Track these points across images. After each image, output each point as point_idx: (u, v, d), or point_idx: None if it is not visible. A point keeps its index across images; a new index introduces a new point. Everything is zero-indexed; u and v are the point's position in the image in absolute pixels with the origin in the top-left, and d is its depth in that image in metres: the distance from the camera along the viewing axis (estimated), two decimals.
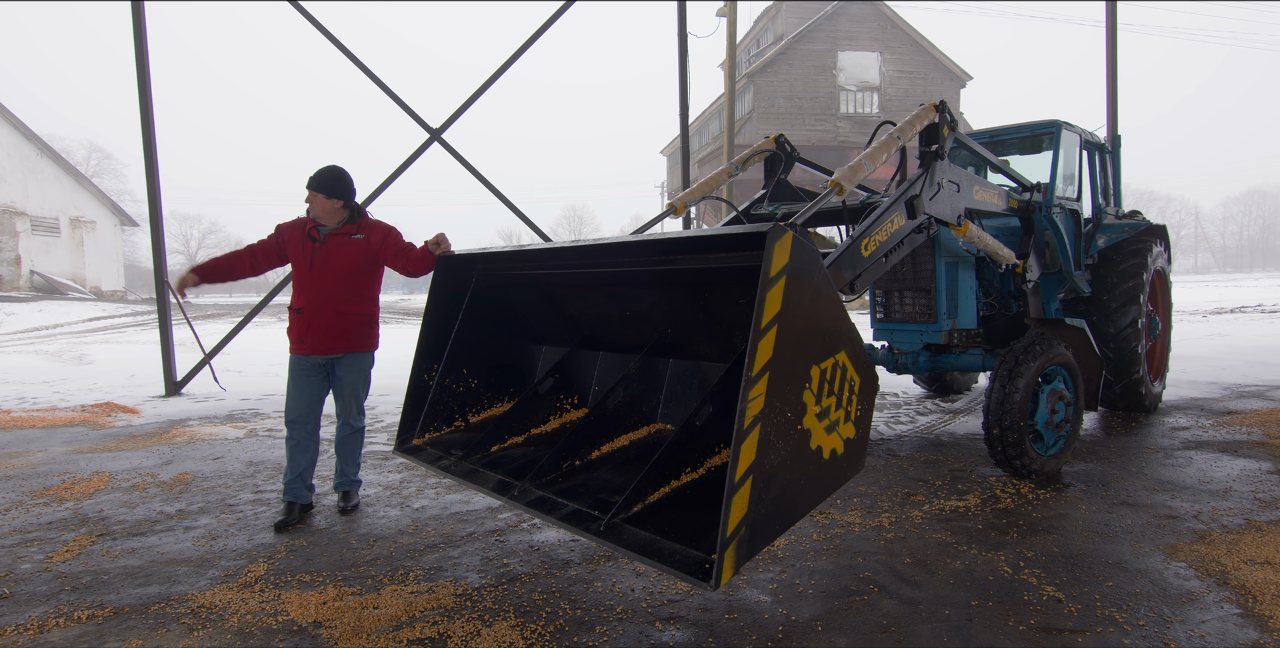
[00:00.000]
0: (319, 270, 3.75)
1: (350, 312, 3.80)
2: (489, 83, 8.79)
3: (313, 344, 3.76)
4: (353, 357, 3.87)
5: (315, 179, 3.75)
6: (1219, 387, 7.39)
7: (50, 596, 2.94)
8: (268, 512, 3.99)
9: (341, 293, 3.77)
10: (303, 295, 3.77)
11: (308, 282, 3.76)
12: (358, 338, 3.85)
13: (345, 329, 3.79)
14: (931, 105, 3.92)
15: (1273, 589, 2.76)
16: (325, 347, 3.78)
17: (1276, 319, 15.47)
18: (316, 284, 3.75)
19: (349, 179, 3.84)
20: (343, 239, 3.79)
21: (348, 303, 3.79)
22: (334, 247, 3.78)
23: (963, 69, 26.54)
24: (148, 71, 8.09)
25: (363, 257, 3.81)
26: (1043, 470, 4.35)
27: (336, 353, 3.81)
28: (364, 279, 3.86)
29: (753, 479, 2.01)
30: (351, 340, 3.83)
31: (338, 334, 3.77)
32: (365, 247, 3.81)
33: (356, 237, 3.81)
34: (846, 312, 2.33)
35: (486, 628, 2.58)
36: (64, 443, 5.81)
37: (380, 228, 3.87)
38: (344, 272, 3.77)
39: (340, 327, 3.78)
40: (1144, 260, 5.95)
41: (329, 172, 3.78)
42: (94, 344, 14.65)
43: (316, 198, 3.75)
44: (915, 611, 2.67)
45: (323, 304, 3.74)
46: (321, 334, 3.75)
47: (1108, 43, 10.32)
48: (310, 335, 3.74)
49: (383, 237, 3.84)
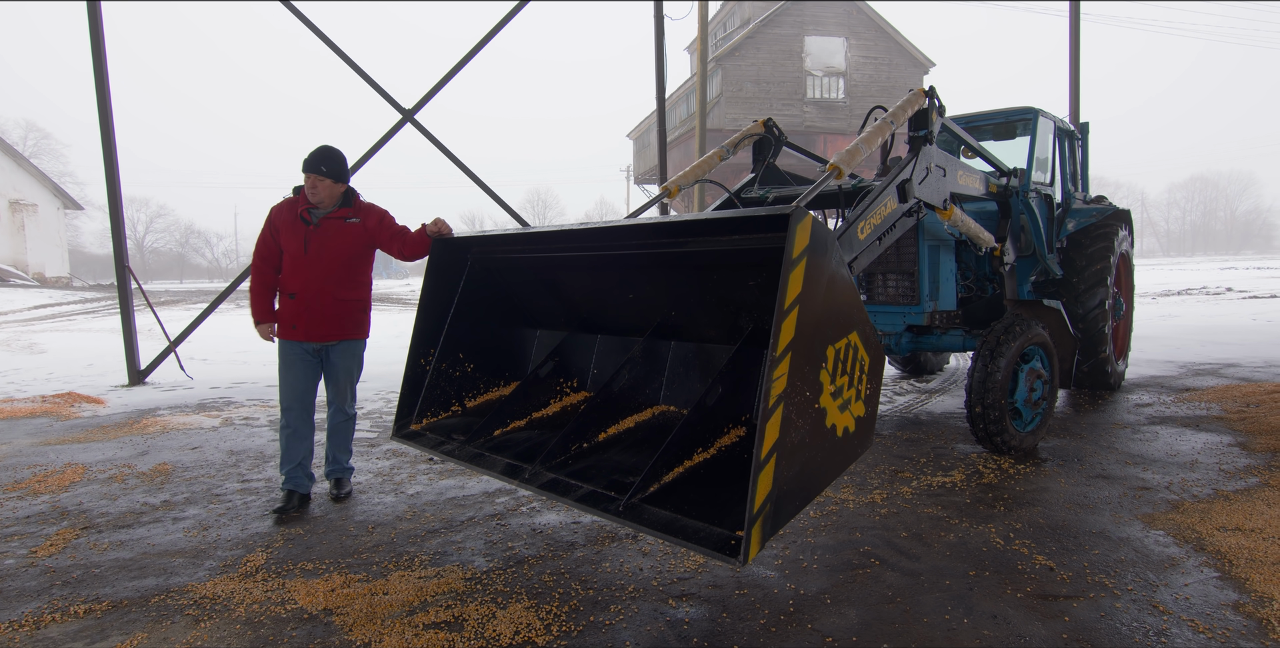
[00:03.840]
0: (314, 255, 3.63)
1: (347, 298, 3.71)
2: (461, 64, 8.60)
3: (306, 330, 3.66)
4: (347, 344, 3.78)
5: (320, 162, 3.56)
6: (1175, 365, 7.73)
7: (41, 591, 2.85)
8: (257, 501, 3.91)
9: (338, 278, 3.67)
10: (297, 280, 3.64)
11: (303, 265, 3.63)
12: (352, 325, 3.77)
13: (341, 316, 3.70)
14: (921, 91, 3.98)
15: (1245, 554, 2.92)
16: (320, 333, 3.68)
17: (1220, 301, 16.19)
18: (312, 269, 3.63)
19: (347, 161, 3.72)
20: (338, 223, 3.68)
21: (344, 289, 3.70)
22: (330, 230, 3.66)
23: (926, 56, 26.87)
24: (101, 32, 7.72)
25: (359, 241, 3.72)
26: (1021, 446, 4.51)
27: (331, 340, 3.72)
28: (359, 264, 3.77)
29: (776, 457, 2.05)
30: (346, 328, 3.74)
31: (333, 321, 3.68)
32: (361, 230, 3.71)
33: (352, 220, 3.70)
34: (857, 293, 2.38)
35: (501, 610, 2.59)
36: (28, 435, 5.60)
37: (375, 211, 3.78)
38: (341, 256, 3.67)
39: (336, 313, 3.68)
40: (1111, 244, 6.16)
41: (331, 153, 3.61)
42: (43, 332, 14.07)
43: (324, 183, 3.58)
44: (917, 582, 2.76)
45: (319, 289, 3.63)
46: (317, 320, 3.65)
47: (1070, 31, 10.57)
48: (304, 321, 3.64)
49: (378, 220, 3.74)
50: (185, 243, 66.31)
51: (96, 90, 7.69)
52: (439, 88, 8.60)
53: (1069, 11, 10.58)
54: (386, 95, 8.48)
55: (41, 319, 17.36)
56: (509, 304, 3.72)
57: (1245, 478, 3.93)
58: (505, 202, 8.95)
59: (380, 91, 8.47)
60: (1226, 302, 15.92)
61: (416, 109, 8.52)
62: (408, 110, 8.49)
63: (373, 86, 8.45)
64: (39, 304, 20.95)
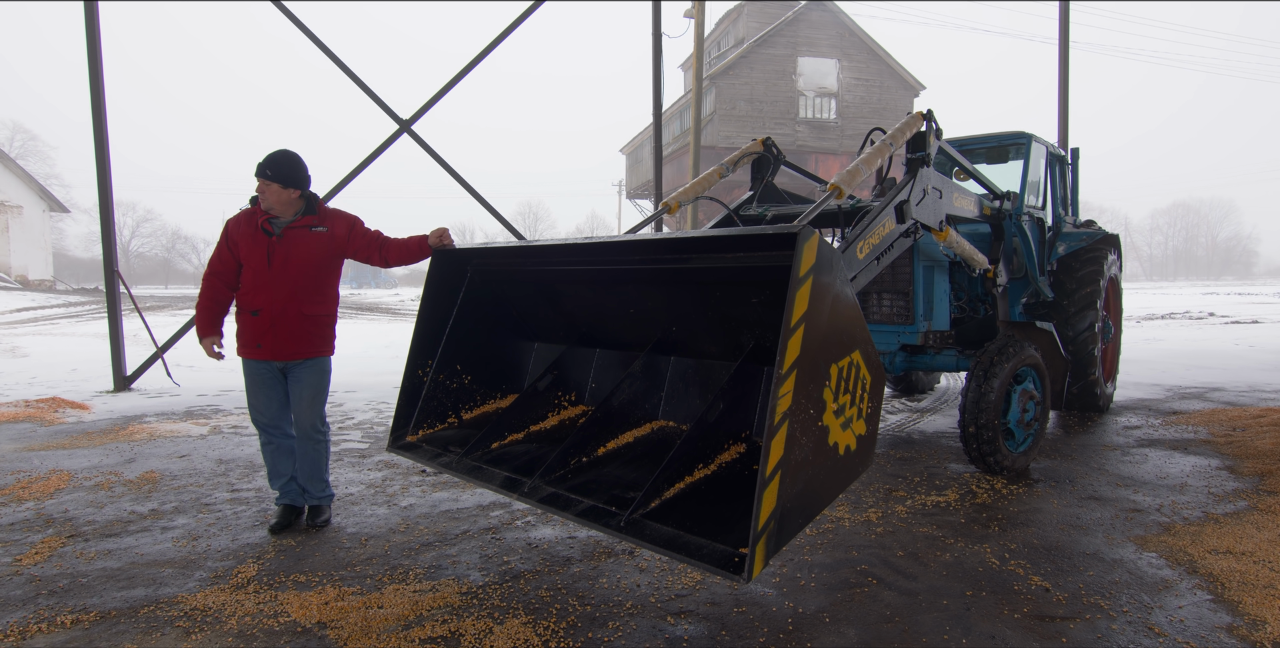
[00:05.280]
0: (279, 268, 3.43)
1: (314, 314, 3.51)
2: (460, 76, 8.66)
3: (273, 349, 3.45)
4: (313, 361, 3.56)
5: (268, 166, 3.38)
6: (1162, 388, 7.82)
7: (27, 600, 2.79)
8: (248, 511, 3.86)
9: (306, 292, 3.48)
10: (261, 296, 3.43)
11: (266, 280, 3.43)
12: (319, 342, 3.56)
13: (308, 333, 3.50)
14: (919, 114, 4.05)
15: (1237, 577, 2.95)
16: (287, 352, 3.48)
17: (1204, 326, 16.42)
18: (276, 283, 3.43)
19: (304, 165, 3.49)
20: (303, 232, 3.48)
21: (311, 304, 3.50)
22: (294, 241, 3.46)
23: (917, 79, 27.30)
24: (98, 35, 7.70)
25: (326, 251, 3.53)
26: (1013, 467, 4.54)
27: (298, 359, 3.52)
28: (327, 276, 3.58)
29: (781, 474, 2.06)
30: (314, 345, 3.54)
31: (300, 338, 3.49)
32: (329, 239, 3.53)
33: (318, 229, 3.50)
34: (860, 312, 2.40)
35: (498, 625, 2.57)
36: (11, 440, 5.50)
37: (343, 218, 3.60)
38: (307, 269, 3.47)
39: (303, 330, 3.49)
40: (1100, 267, 6.26)
41: (283, 157, 3.42)
42: (26, 336, 13.87)
43: (270, 188, 3.39)
44: (915, 601, 2.77)
45: (285, 305, 3.43)
46: (284, 338, 3.45)
47: (1060, 56, 10.78)
48: (270, 339, 3.44)
49: (348, 228, 3.57)
50: (171, 248, 65.76)
51: (91, 95, 7.66)
52: (437, 98, 8.63)
53: (1058, 34, 10.81)
54: (384, 105, 8.51)
55: (24, 322, 17.12)
56: (508, 316, 3.72)
57: (1234, 501, 3.97)
58: (500, 214, 8.97)
59: (378, 101, 8.50)
60: (1209, 326, 16.15)
61: (414, 120, 8.55)
62: (405, 121, 8.51)
63: (370, 96, 8.48)
64: (21, 307, 20.67)
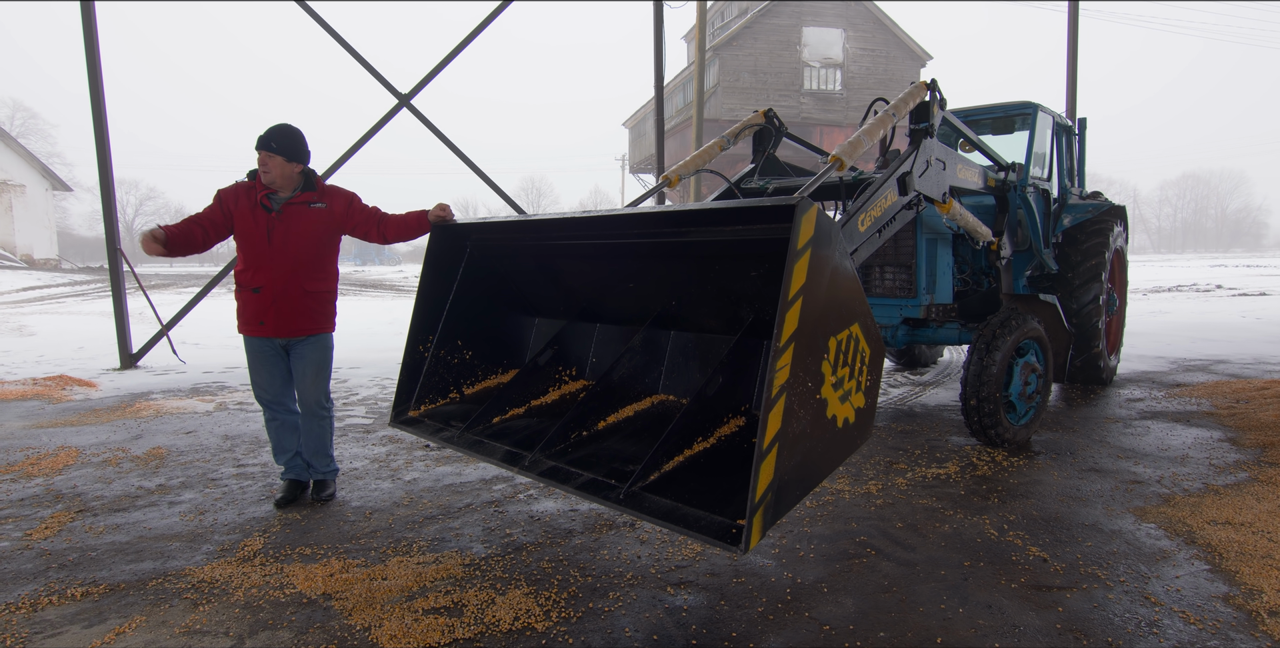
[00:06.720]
0: (279, 245, 3.42)
1: (315, 290, 3.52)
2: (460, 48, 8.53)
3: (275, 326, 3.46)
4: (316, 338, 3.58)
5: (272, 139, 3.35)
6: (1166, 361, 7.79)
7: (37, 574, 2.84)
8: (254, 486, 3.91)
9: (308, 269, 3.48)
10: (262, 273, 3.43)
11: (266, 257, 3.42)
12: (321, 318, 3.57)
13: (310, 309, 3.52)
14: (923, 84, 3.97)
15: (1235, 547, 2.96)
16: (289, 329, 3.48)
17: (1210, 298, 16.32)
18: (278, 260, 3.42)
19: (306, 140, 3.48)
20: (302, 209, 3.46)
21: (313, 280, 3.51)
22: (294, 217, 3.45)
23: (924, 49, 26.81)
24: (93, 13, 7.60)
25: (326, 227, 3.52)
26: (1015, 440, 4.55)
27: (300, 335, 3.53)
28: (327, 252, 3.58)
29: (778, 447, 2.06)
30: (315, 321, 3.55)
31: (303, 315, 3.50)
32: (328, 216, 3.52)
33: (317, 205, 3.49)
34: (860, 285, 2.39)
35: (500, 596, 2.60)
36: (19, 417, 5.56)
37: (341, 194, 3.58)
38: (307, 245, 3.47)
39: (305, 307, 3.49)
40: (1106, 240, 6.19)
41: (287, 130, 3.40)
42: (33, 315, 13.95)
43: (274, 161, 3.36)
44: (913, 572, 2.79)
45: (287, 282, 3.44)
46: (286, 315, 3.46)
47: (1069, 26, 10.55)
48: (272, 316, 3.44)
49: (346, 204, 3.56)
50: None
51: (89, 75, 7.58)
52: (437, 71, 8.52)
53: (1068, 9, 10.57)
54: (383, 80, 8.40)
55: (30, 301, 17.20)
56: (508, 292, 3.71)
57: (1235, 473, 3.98)
58: (501, 189, 8.90)
59: (377, 76, 8.39)
60: (1216, 299, 16.05)
61: (413, 94, 8.45)
62: (404, 95, 8.41)
63: (369, 71, 8.37)
64: (27, 286, 20.76)
